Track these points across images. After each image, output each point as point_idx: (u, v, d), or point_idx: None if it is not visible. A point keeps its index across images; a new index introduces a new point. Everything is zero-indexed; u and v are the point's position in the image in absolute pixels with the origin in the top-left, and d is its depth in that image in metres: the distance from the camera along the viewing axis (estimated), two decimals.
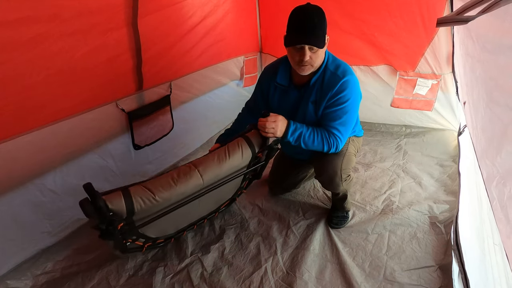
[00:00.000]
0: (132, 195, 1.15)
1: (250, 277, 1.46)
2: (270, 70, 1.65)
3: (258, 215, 1.86)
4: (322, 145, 1.46)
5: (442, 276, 1.40)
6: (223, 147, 1.39)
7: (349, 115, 1.47)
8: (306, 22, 1.31)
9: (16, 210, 1.43)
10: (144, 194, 1.18)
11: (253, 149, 1.42)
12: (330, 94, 1.43)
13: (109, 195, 1.13)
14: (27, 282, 1.44)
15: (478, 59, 1.19)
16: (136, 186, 1.19)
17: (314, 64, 1.40)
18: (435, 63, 2.45)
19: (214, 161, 1.33)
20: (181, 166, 1.33)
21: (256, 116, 1.74)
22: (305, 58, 1.35)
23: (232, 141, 1.41)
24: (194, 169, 1.29)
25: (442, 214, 1.77)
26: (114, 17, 1.60)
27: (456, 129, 2.56)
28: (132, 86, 1.87)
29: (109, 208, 1.10)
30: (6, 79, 1.25)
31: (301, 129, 1.42)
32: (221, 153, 1.36)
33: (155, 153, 2.15)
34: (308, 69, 1.41)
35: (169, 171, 1.31)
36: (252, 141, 1.42)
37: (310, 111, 1.52)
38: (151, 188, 1.20)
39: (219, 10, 2.40)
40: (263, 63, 3.23)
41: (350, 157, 1.62)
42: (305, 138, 1.43)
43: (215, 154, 1.35)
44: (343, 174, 1.58)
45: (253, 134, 1.44)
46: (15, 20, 1.21)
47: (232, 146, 1.39)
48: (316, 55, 1.36)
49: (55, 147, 1.52)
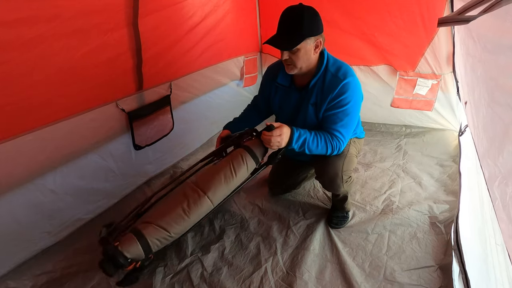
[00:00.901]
0: (147, 238, 1.15)
1: (250, 277, 1.46)
2: (272, 71, 1.65)
3: (258, 215, 1.86)
4: (326, 149, 1.45)
5: (442, 276, 1.40)
6: (228, 164, 1.35)
7: (351, 117, 1.46)
8: (284, 22, 1.33)
9: (16, 210, 1.43)
10: (158, 234, 1.17)
11: (257, 159, 1.41)
12: (331, 97, 1.42)
13: (124, 244, 1.11)
14: (27, 282, 1.43)
15: (479, 59, 1.19)
16: (148, 227, 1.17)
17: (297, 65, 1.39)
18: (435, 63, 2.45)
19: (221, 182, 1.31)
20: (187, 189, 1.29)
21: (261, 114, 1.76)
22: (282, 58, 1.38)
23: (236, 155, 1.38)
24: (203, 195, 1.27)
25: (442, 214, 1.77)
26: (114, 17, 1.60)
27: (456, 129, 2.56)
28: (132, 86, 1.86)
29: (127, 258, 1.10)
30: (6, 79, 1.25)
31: (304, 136, 1.40)
32: (227, 172, 1.33)
33: (155, 153, 2.15)
34: (292, 69, 1.41)
35: (176, 197, 1.28)
36: (255, 153, 1.40)
37: (310, 113, 1.51)
38: (164, 226, 1.19)
39: (219, 10, 2.40)
40: (263, 63, 3.23)
41: (352, 159, 1.61)
42: (309, 144, 1.41)
43: (221, 174, 1.32)
44: (344, 175, 1.57)
45: (255, 144, 1.42)
46: (15, 20, 1.21)
47: (237, 162, 1.36)
48: (296, 56, 1.36)
49: (55, 147, 1.52)
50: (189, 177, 1.47)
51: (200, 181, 1.32)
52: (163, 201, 1.38)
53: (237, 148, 1.46)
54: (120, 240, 1.13)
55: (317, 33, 1.35)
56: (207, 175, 1.35)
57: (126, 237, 1.14)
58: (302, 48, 1.34)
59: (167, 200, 1.32)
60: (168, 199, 1.33)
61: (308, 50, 1.36)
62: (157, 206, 1.35)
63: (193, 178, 1.40)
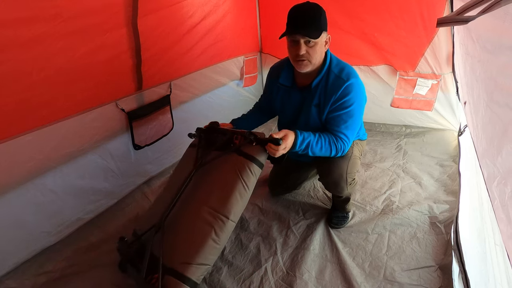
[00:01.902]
0: (192, 278, 1.18)
1: (250, 277, 1.46)
2: (274, 71, 1.65)
3: (258, 215, 1.86)
4: (330, 151, 1.43)
5: (442, 276, 1.40)
6: (239, 179, 1.32)
7: (355, 119, 1.45)
8: (301, 15, 1.33)
9: (16, 210, 1.43)
10: (200, 271, 1.21)
11: (262, 165, 1.39)
12: (334, 98, 1.41)
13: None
14: (27, 282, 1.43)
15: (479, 59, 1.19)
16: (190, 268, 1.19)
17: (311, 60, 1.37)
18: (435, 63, 2.45)
19: (238, 201, 1.30)
20: (207, 215, 1.27)
21: (267, 113, 1.78)
22: (301, 52, 1.33)
23: (243, 167, 1.34)
24: (227, 220, 1.27)
25: (442, 214, 1.77)
26: (114, 17, 1.60)
27: (456, 129, 2.56)
28: (132, 86, 1.87)
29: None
30: (6, 78, 1.25)
31: (308, 139, 1.37)
32: (240, 189, 1.32)
33: (155, 153, 2.15)
34: (306, 65, 1.38)
35: (199, 227, 1.27)
36: (260, 161, 1.37)
37: (313, 114, 1.50)
38: (203, 262, 1.21)
39: (219, 10, 2.40)
40: (263, 63, 3.23)
41: (355, 161, 1.60)
42: (313, 147, 1.38)
43: (236, 192, 1.30)
44: (348, 177, 1.56)
45: (258, 152, 1.37)
46: (15, 20, 1.21)
47: (246, 175, 1.33)
48: (313, 50, 1.34)
49: (55, 147, 1.52)
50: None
51: (217, 205, 1.30)
52: (183, 228, 1.32)
53: (238, 155, 1.40)
54: (166, 286, 1.16)
55: (327, 29, 1.37)
56: (221, 195, 1.32)
57: (170, 282, 1.17)
58: (319, 42, 1.34)
59: (188, 229, 1.30)
60: (188, 227, 1.30)
61: (322, 44, 1.38)
62: (178, 232, 1.31)
63: (204, 196, 1.35)
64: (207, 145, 1.51)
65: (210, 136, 1.53)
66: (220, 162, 1.41)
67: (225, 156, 1.40)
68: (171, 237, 1.29)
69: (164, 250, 1.24)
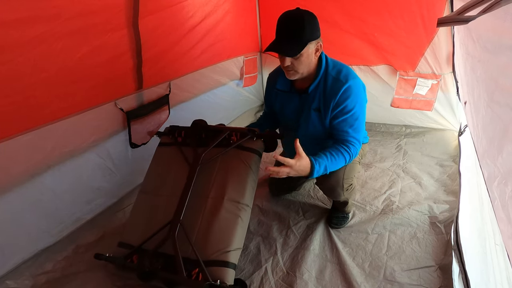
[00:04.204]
0: (233, 262, 1.31)
1: (250, 277, 1.46)
2: (271, 77, 1.65)
3: (258, 215, 1.86)
4: (344, 161, 1.41)
5: (442, 276, 1.40)
6: (249, 170, 1.46)
7: (360, 120, 1.45)
8: (284, 27, 1.31)
9: (15, 209, 1.43)
10: (237, 254, 1.34)
11: (261, 155, 1.53)
12: (334, 102, 1.40)
13: (223, 276, 1.26)
14: (27, 282, 1.43)
15: (479, 59, 1.19)
16: (228, 254, 1.30)
17: (298, 70, 1.37)
18: (435, 63, 2.45)
19: (252, 189, 1.46)
20: (231, 206, 1.39)
21: (272, 120, 1.78)
22: (285, 64, 1.34)
23: (250, 158, 1.49)
24: (247, 207, 1.42)
25: (442, 214, 1.77)
26: (114, 18, 1.60)
27: (456, 129, 2.56)
28: (132, 86, 1.86)
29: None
30: (6, 78, 1.25)
31: (324, 164, 1.34)
32: (252, 178, 1.46)
33: (152, 151, 2.14)
34: (293, 75, 1.39)
35: (227, 218, 1.38)
36: (260, 152, 1.52)
37: (313, 119, 1.49)
38: (238, 246, 1.34)
39: (219, 10, 2.40)
40: (263, 63, 3.23)
41: (354, 165, 1.58)
42: (330, 168, 1.37)
43: (249, 182, 1.45)
44: (345, 183, 1.54)
45: (258, 145, 1.52)
46: (15, 20, 1.21)
47: (254, 166, 1.48)
48: (298, 61, 1.33)
49: (54, 146, 1.51)
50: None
51: (236, 195, 1.42)
52: (208, 223, 1.39)
53: (241, 150, 1.52)
54: (214, 276, 1.25)
55: (317, 37, 1.34)
56: (237, 186, 1.44)
57: (216, 271, 1.27)
58: (304, 53, 1.32)
59: (214, 222, 1.37)
60: (214, 220, 1.37)
61: (310, 54, 1.35)
62: (201, 228, 1.39)
63: (219, 190, 1.44)
64: (199, 143, 1.59)
65: (198, 134, 1.63)
66: (224, 157, 1.52)
67: (227, 152, 1.51)
68: (196, 233, 1.37)
69: (193, 246, 1.33)
